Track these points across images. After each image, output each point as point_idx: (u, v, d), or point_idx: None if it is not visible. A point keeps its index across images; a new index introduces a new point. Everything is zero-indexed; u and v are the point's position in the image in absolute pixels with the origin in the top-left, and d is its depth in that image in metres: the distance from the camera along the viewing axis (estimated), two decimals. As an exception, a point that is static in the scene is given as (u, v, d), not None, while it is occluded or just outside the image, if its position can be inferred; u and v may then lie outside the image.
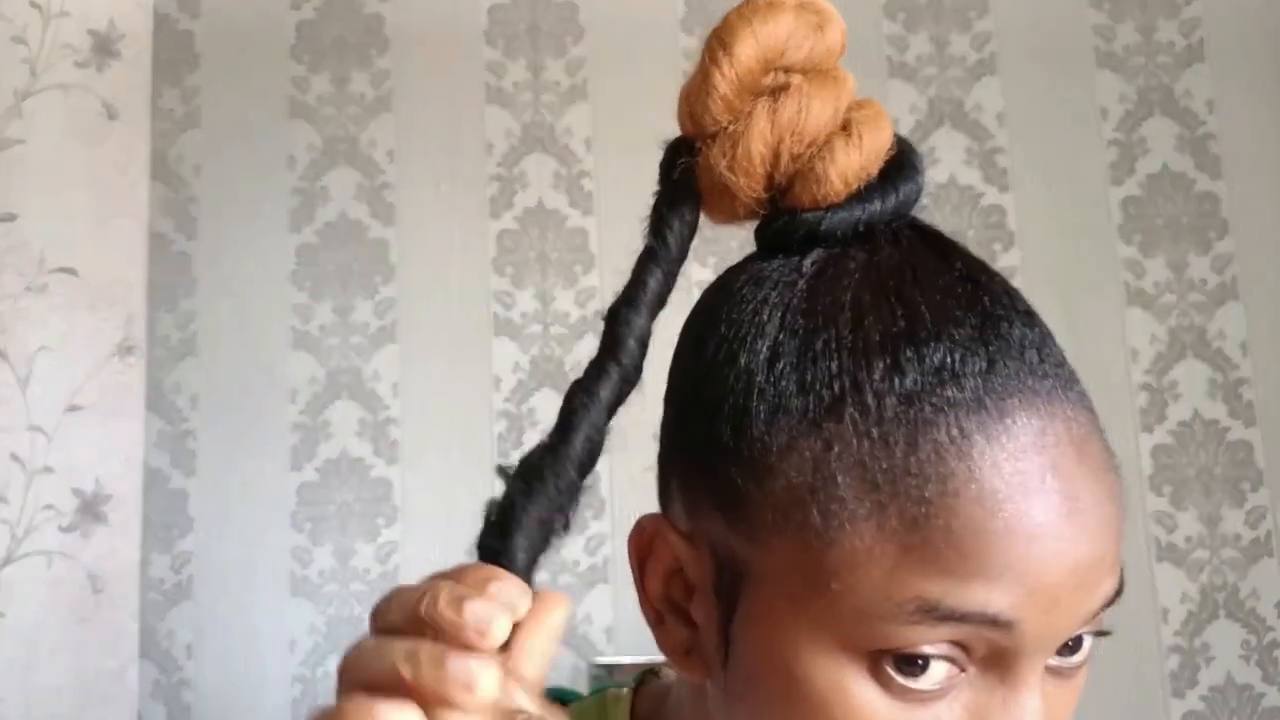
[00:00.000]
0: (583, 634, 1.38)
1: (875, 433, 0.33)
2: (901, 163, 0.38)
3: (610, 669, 1.29)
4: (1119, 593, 0.35)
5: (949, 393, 0.33)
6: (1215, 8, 1.52)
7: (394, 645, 0.29)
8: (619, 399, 0.35)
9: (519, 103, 1.52)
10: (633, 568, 0.40)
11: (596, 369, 0.35)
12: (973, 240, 1.47)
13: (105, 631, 1.40)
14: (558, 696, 0.50)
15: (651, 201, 0.39)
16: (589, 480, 0.34)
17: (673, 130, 0.40)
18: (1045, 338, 0.36)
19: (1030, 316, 0.36)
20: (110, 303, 1.47)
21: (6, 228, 1.47)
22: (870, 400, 0.33)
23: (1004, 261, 1.46)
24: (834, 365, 0.34)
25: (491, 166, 1.51)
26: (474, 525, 0.32)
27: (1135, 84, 1.50)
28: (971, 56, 1.52)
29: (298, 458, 1.44)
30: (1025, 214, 1.48)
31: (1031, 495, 0.32)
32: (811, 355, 0.35)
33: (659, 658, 0.48)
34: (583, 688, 0.86)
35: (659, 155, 0.41)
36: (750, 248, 0.40)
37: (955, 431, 0.33)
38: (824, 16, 0.37)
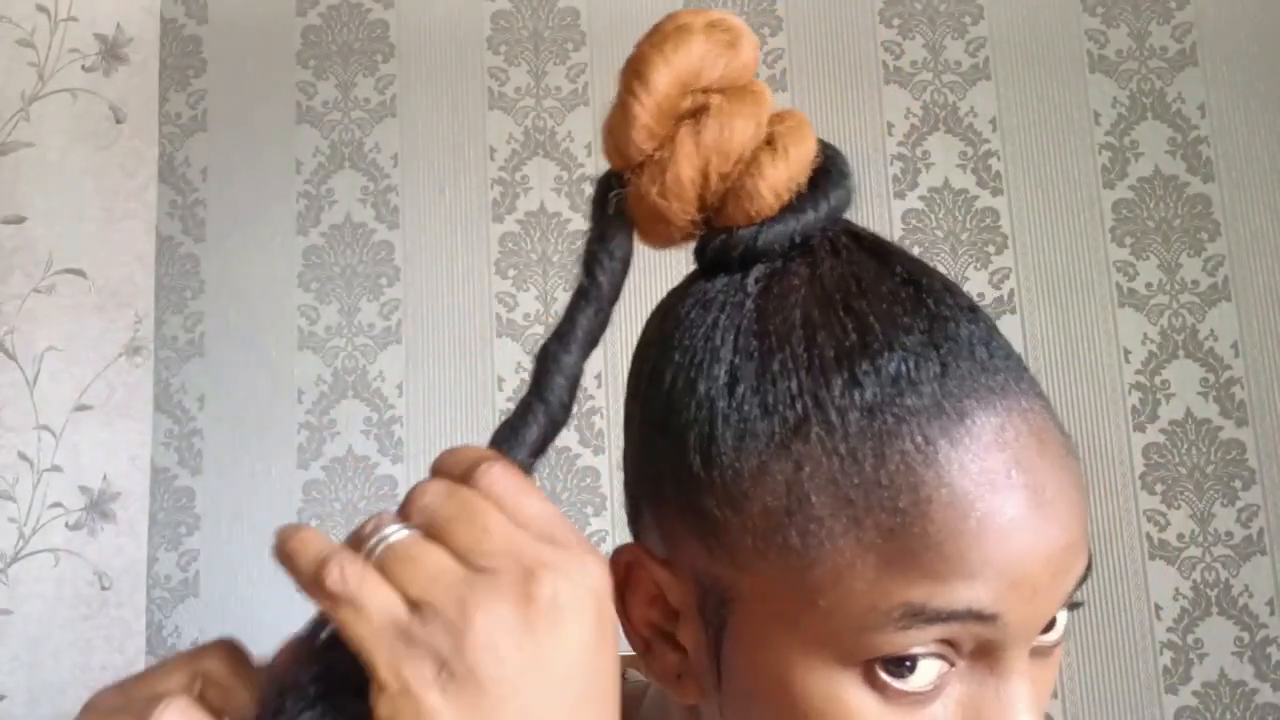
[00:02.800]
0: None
1: (843, 449, 0.33)
2: (829, 169, 0.38)
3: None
4: (1089, 569, 0.36)
5: (908, 401, 0.34)
6: (1207, 13, 1.53)
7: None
8: (546, 439, 0.35)
9: (521, 108, 1.54)
10: (615, 598, 0.39)
11: (523, 409, 0.34)
12: (967, 243, 1.49)
13: (112, 628, 1.41)
14: None
15: (584, 240, 0.38)
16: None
17: None
18: (991, 331, 0.36)
19: (974, 312, 0.37)
20: (118, 304, 1.48)
21: (15, 230, 1.48)
22: (834, 417, 0.34)
23: (998, 263, 1.48)
24: (794, 385, 0.34)
25: (494, 170, 1.53)
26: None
27: (1128, 88, 1.52)
28: (966, 62, 1.54)
29: (304, 456, 1.46)
30: (1018, 217, 1.49)
31: (1000, 492, 0.33)
32: (770, 377, 0.35)
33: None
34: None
35: None
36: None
37: (920, 439, 0.33)
38: (734, 34, 0.37)
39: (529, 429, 0.34)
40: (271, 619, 1.41)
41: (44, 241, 1.48)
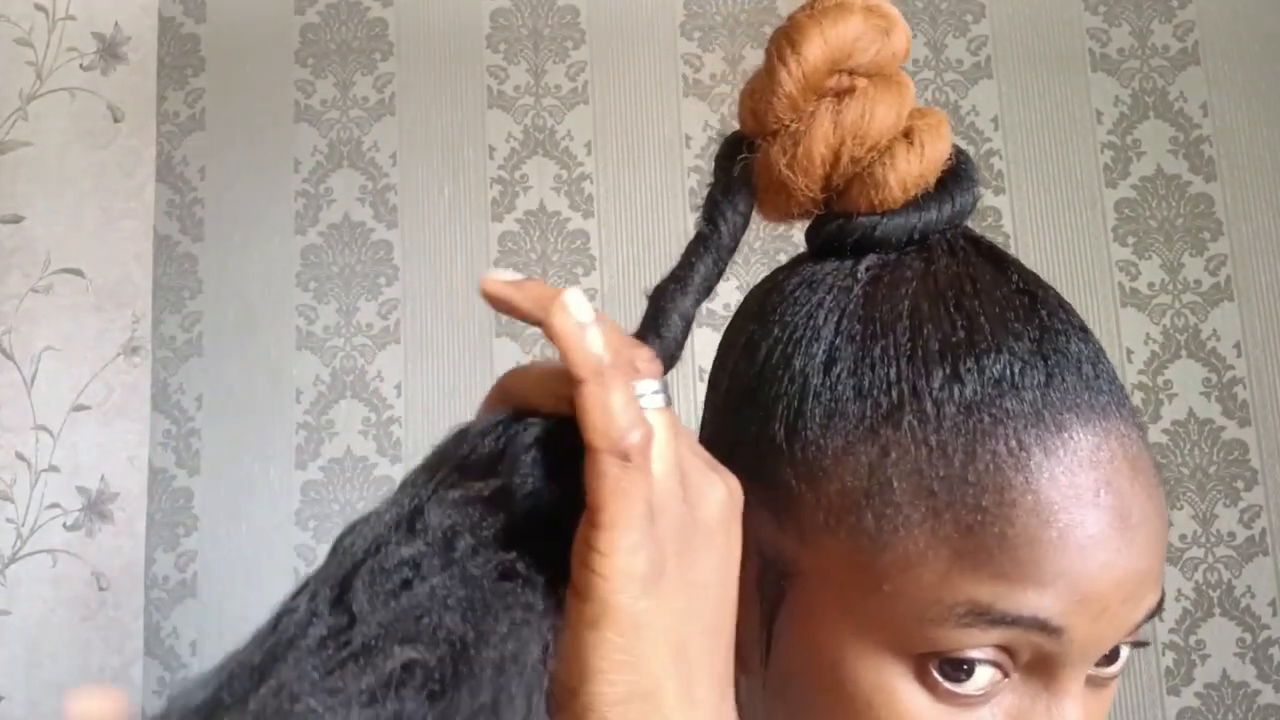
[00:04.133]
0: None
1: (933, 440, 0.33)
2: (959, 173, 0.38)
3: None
4: (1160, 605, 0.35)
5: (1008, 404, 0.33)
6: (1209, 11, 1.53)
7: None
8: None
9: (520, 106, 1.54)
10: None
11: (637, 339, 0.34)
12: (969, 242, 1.48)
13: (110, 629, 1.40)
14: None
15: (706, 190, 0.38)
16: None
17: (672, 132, 0.40)
18: (1100, 354, 0.36)
19: (1085, 332, 0.36)
20: (116, 303, 1.48)
21: (12, 229, 1.48)
22: (930, 408, 0.34)
23: (1000, 263, 1.48)
24: (892, 372, 0.34)
25: (493, 169, 1.52)
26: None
27: (1130, 87, 1.51)
28: (968, 60, 1.53)
29: (302, 457, 1.46)
30: (1020, 216, 1.49)
31: (1086, 508, 0.33)
32: (869, 361, 0.35)
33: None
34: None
35: (659, 158, 0.41)
36: (763, 247, 0.41)
37: (1014, 443, 0.33)
38: (890, 21, 0.37)
39: None
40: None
41: (42, 241, 1.48)
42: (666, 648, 0.28)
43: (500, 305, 0.31)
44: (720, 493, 0.31)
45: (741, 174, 0.37)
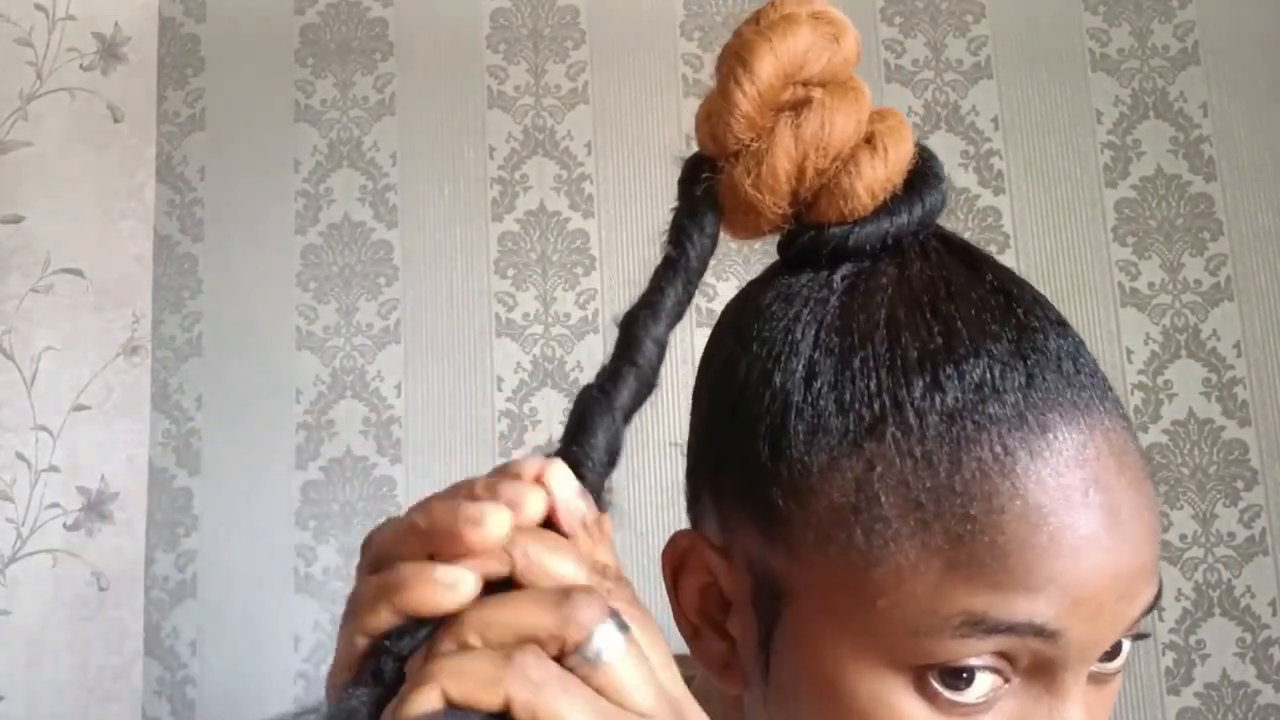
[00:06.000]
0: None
1: (918, 451, 0.33)
2: (925, 172, 0.37)
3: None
4: (1158, 598, 0.35)
5: (991, 409, 0.33)
6: (1209, 12, 1.53)
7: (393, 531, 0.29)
8: (636, 403, 0.33)
9: (520, 106, 1.54)
10: (666, 582, 0.39)
11: (613, 372, 0.33)
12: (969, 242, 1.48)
13: (109, 629, 1.40)
14: None
15: (671, 214, 0.37)
16: (608, 486, 0.32)
17: (672, 132, 0.40)
18: (1079, 346, 0.36)
19: (1063, 326, 0.36)
20: (116, 303, 1.48)
21: (12, 229, 1.48)
22: (912, 419, 0.33)
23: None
24: (873, 384, 0.34)
25: (493, 169, 1.52)
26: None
27: (1130, 87, 1.51)
28: (968, 60, 1.53)
29: (302, 456, 1.46)
30: (1020, 216, 1.49)
31: (1075, 509, 0.32)
32: (849, 374, 0.34)
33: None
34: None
35: (658, 158, 0.41)
36: (748, 252, 0.41)
37: (999, 449, 0.33)
38: (839, 27, 0.36)
39: (620, 395, 0.33)
40: (269, 620, 1.41)
41: (42, 241, 1.48)
42: None
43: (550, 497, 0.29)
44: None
45: (705, 195, 0.36)
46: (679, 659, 0.53)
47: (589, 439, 0.32)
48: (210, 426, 1.47)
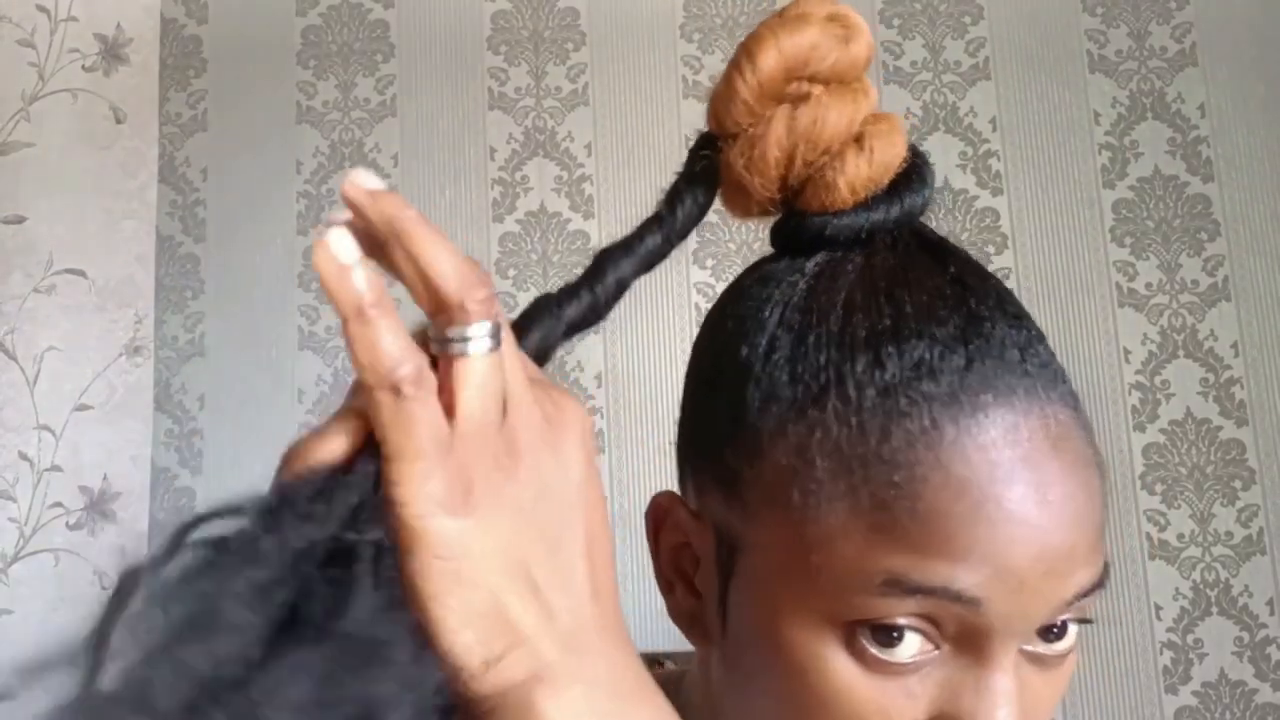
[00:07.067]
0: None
1: (854, 421, 0.35)
2: (911, 176, 0.39)
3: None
4: (1099, 585, 0.36)
5: (925, 386, 0.35)
6: (1207, 12, 1.53)
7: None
8: (581, 323, 0.36)
9: (521, 108, 1.54)
10: (649, 538, 0.43)
11: (570, 291, 0.36)
12: (967, 243, 1.48)
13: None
14: None
15: (674, 176, 0.40)
16: None
17: (672, 133, 0.41)
18: (1031, 340, 0.37)
19: (1018, 319, 0.38)
20: (119, 304, 1.49)
21: (15, 230, 1.48)
22: (852, 391, 0.36)
23: (998, 264, 1.48)
24: (822, 358, 0.37)
25: (494, 171, 1.53)
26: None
27: (1127, 88, 1.52)
28: (966, 62, 1.54)
29: (304, 456, 1.46)
30: (1018, 217, 1.49)
31: (998, 484, 0.34)
32: (804, 349, 0.37)
33: (664, 650, 0.49)
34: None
35: (658, 159, 0.42)
36: (746, 253, 0.43)
37: (927, 422, 0.35)
38: (851, 30, 0.38)
39: (569, 308, 0.35)
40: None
41: (44, 241, 1.48)
42: (500, 564, 0.28)
43: (353, 212, 0.30)
44: (565, 415, 0.31)
45: (704, 169, 0.39)
46: (672, 656, 0.54)
47: (526, 338, 0.34)
48: (212, 426, 1.47)
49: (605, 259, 0.37)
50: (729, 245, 1.46)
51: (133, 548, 1.44)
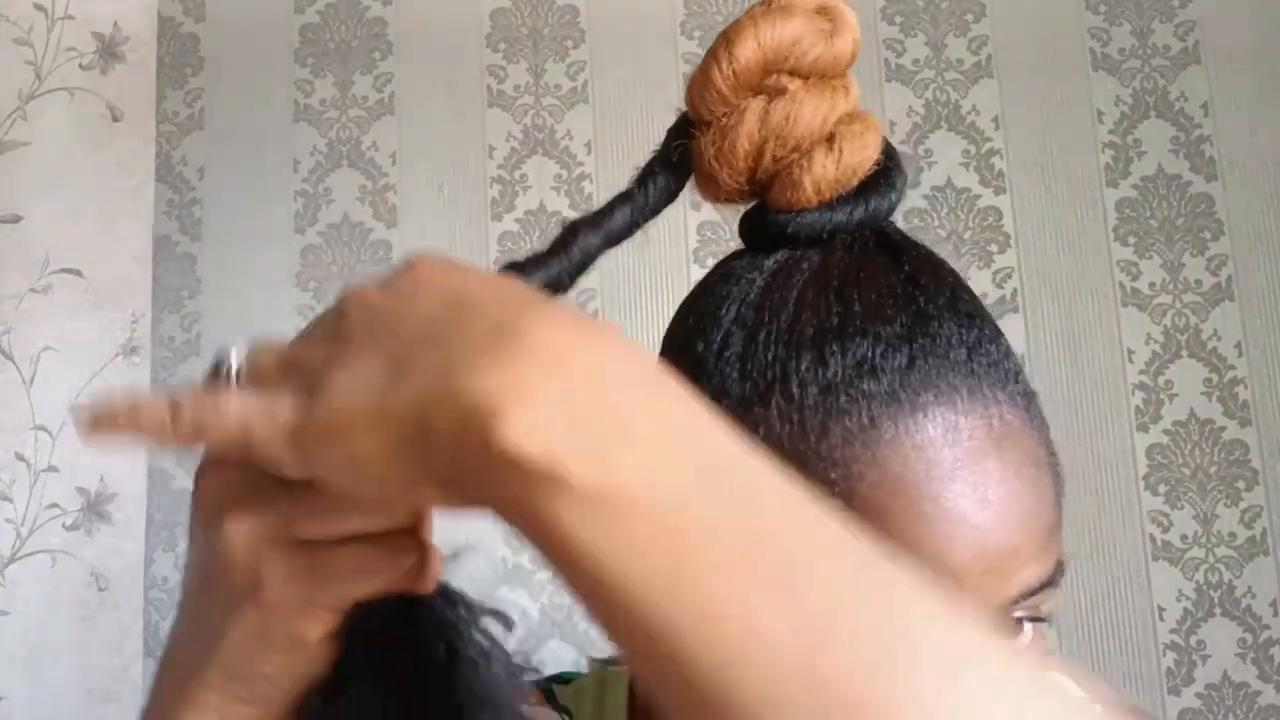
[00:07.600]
0: (584, 630, 1.40)
1: (796, 418, 0.35)
2: (879, 178, 0.39)
3: (608, 663, 1.30)
4: (1049, 583, 0.36)
5: (866, 385, 0.35)
6: (1211, 11, 1.53)
7: None
8: (545, 291, 0.36)
9: (520, 106, 1.54)
10: None
11: (538, 259, 0.36)
12: (970, 242, 1.48)
13: (109, 630, 1.40)
14: (559, 679, 0.51)
15: (651, 154, 0.40)
16: None
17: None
18: (982, 339, 0.37)
19: (970, 318, 0.38)
20: (115, 304, 1.48)
21: (11, 229, 1.48)
22: (795, 389, 0.36)
23: (1000, 263, 1.47)
24: (770, 355, 0.37)
25: (493, 169, 1.52)
26: (472, 521, 0.32)
27: (1131, 87, 1.51)
28: (968, 60, 1.53)
29: (301, 457, 1.45)
30: (1021, 216, 1.49)
31: (935, 482, 0.34)
32: (754, 346, 0.37)
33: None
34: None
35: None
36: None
37: (866, 420, 0.35)
38: (838, 24, 0.38)
39: (538, 274, 0.36)
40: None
41: (40, 241, 1.48)
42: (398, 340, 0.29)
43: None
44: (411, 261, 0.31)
45: (678, 154, 0.39)
46: None
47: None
48: (209, 427, 1.46)
49: (574, 231, 0.37)
50: (729, 245, 1.45)
51: (130, 549, 1.43)
